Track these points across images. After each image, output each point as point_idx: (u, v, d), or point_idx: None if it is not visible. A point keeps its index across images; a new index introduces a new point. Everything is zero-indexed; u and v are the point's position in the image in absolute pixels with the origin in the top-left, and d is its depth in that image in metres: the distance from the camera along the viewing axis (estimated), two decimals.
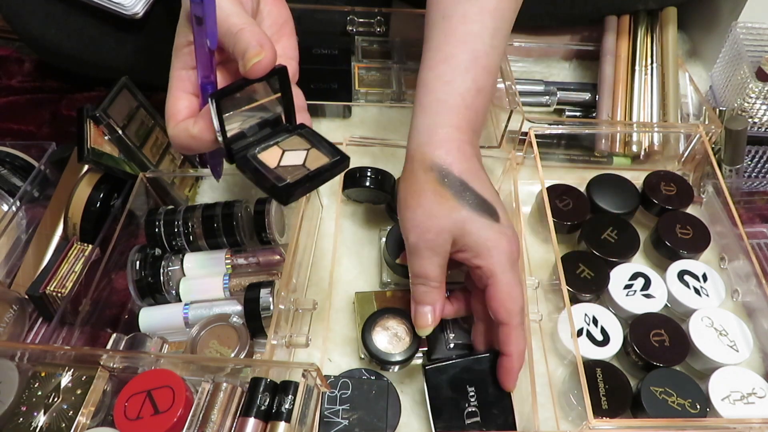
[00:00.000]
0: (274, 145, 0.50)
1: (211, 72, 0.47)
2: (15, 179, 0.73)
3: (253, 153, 0.49)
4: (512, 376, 0.52)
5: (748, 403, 0.56)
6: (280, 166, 0.48)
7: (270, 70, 0.45)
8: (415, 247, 0.50)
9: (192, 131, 0.46)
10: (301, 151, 0.49)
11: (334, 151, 0.49)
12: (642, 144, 0.76)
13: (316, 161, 0.48)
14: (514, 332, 0.50)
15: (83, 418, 0.48)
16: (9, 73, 0.92)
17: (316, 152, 0.49)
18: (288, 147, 0.50)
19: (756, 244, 0.71)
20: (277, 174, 0.47)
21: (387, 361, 0.55)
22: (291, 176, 0.47)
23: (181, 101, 0.48)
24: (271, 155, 0.49)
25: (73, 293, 0.60)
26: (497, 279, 0.49)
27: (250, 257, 0.62)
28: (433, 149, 0.51)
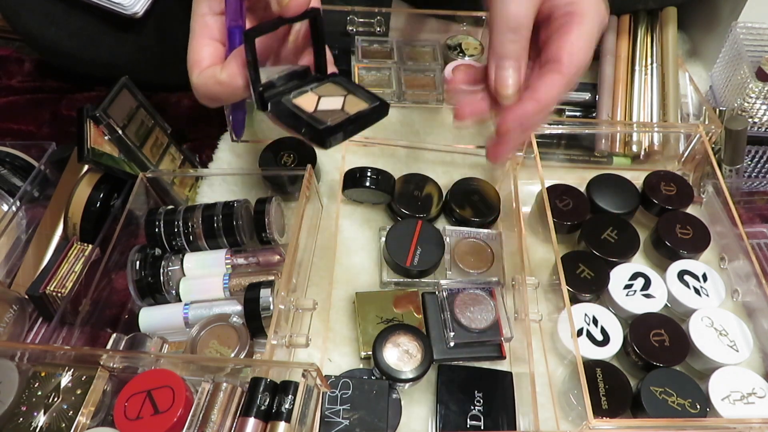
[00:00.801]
0: (309, 91, 0.47)
1: (240, 16, 0.44)
2: (15, 179, 0.73)
3: (287, 98, 0.46)
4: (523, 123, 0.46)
5: (748, 403, 0.56)
6: (318, 110, 0.46)
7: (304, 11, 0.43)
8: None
9: (220, 77, 0.44)
10: (337, 97, 0.47)
11: (372, 97, 0.47)
12: (642, 144, 0.76)
13: (355, 106, 0.46)
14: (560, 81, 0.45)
15: (83, 418, 0.48)
16: (9, 73, 0.92)
17: (354, 98, 0.47)
18: (324, 93, 0.47)
19: (756, 244, 0.71)
20: (315, 118, 0.44)
21: (397, 378, 0.55)
22: (331, 120, 0.44)
23: (205, 48, 0.45)
24: (307, 100, 0.46)
25: (73, 293, 0.60)
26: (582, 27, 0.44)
27: (250, 257, 0.62)
28: None
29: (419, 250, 0.63)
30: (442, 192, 0.71)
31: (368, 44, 0.87)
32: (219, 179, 0.75)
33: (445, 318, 0.60)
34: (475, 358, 0.60)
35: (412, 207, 0.69)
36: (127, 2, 0.67)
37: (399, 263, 0.63)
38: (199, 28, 0.46)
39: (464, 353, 0.59)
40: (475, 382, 0.57)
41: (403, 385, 0.56)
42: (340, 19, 0.86)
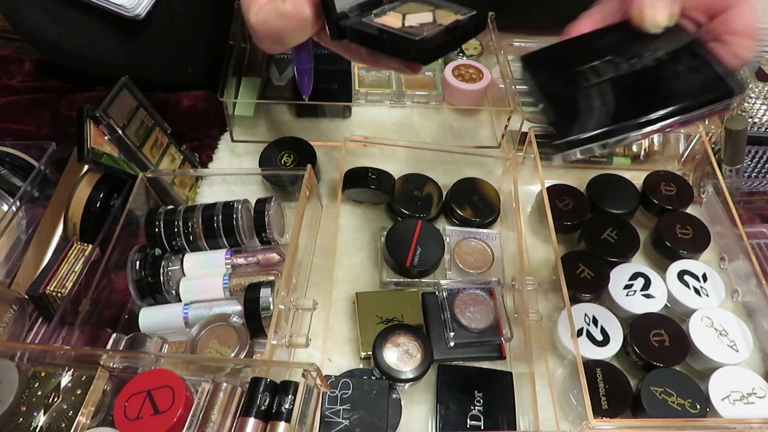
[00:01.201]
0: (390, 11, 0.43)
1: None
2: (15, 179, 0.73)
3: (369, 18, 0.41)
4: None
5: (748, 403, 0.56)
6: (407, 26, 0.41)
7: None
8: None
9: (283, 8, 0.38)
10: (425, 13, 0.42)
11: (464, 9, 0.42)
12: (642, 144, 0.76)
13: (448, 18, 0.42)
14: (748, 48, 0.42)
15: (83, 418, 0.48)
16: (9, 73, 0.91)
17: (444, 12, 0.42)
18: (407, 11, 0.42)
19: (756, 244, 0.71)
20: (408, 31, 0.40)
21: (397, 378, 0.55)
22: (427, 31, 0.40)
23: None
24: (392, 19, 0.42)
25: (73, 293, 0.60)
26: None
27: (250, 257, 0.62)
28: None
29: (419, 250, 0.63)
30: (442, 192, 0.71)
31: None
32: (219, 179, 0.75)
33: (445, 318, 0.60)
34: (475, 358, 0.60)
35: (412, 207, 0.69)
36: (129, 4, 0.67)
37: (399, 263, 0.63)
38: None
39: (464, 353, 0.59)
40: (475, 382, 0.57)
41: (403, 385, 0.56)
42: None
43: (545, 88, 0.44)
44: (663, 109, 0.40)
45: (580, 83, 0.43)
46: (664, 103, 0.40)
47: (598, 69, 0.43)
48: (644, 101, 0.41)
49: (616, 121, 0.40)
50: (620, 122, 0.40)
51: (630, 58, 0.43)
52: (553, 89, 0.43)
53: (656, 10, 0.41)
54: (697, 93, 0.41)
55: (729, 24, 0.43)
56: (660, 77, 0.42)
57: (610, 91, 0.42)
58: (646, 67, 0.42)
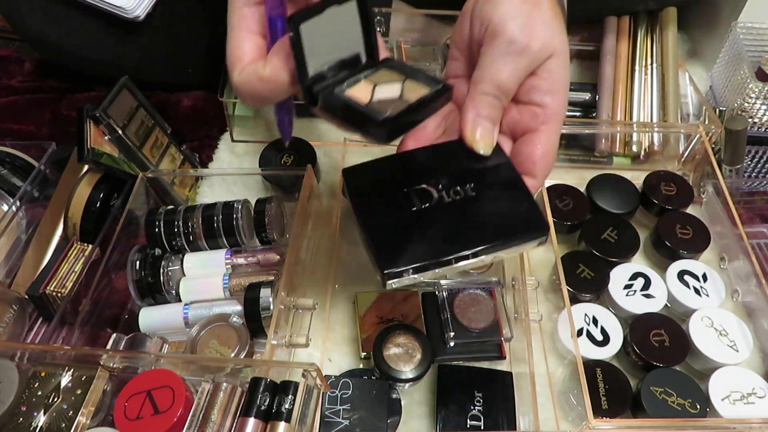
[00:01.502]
0: (363, 79, 0.43)
1: (280, 3, 0.40)
2: (15, 179, 0.73)
3: (339, 89, 0.42)
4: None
5: (748, 403, 0.56)
6: (374, 101, 0.41)
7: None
8: (516, 46, 0.43)
9: (263, 73, 0.40)
10: (395, 84, 0.42)
11: (433, 81, 0.42)
12: (642, 144, 0.76)
13: (415, 92, 0.41)
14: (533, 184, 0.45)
15: (83, 418, 0.48)
16: (9, 73, 0.92)
17: (413, 83, 0.42)
18: (379, 80, 0.43)
19: (756, 244, 0.71)
20: (373, 108, 0.40)
21: (397, 378, 0.55)
22: (391, 110, 0.40)
23: (246, 42, 0.41)
24: (361, 90, 0.42)
25: (73, 293, 0.60)
26: (552, 128, 0.45)
27: (250, 257, 0.62)
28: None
29: None
30: None
31: None
32: (219, 179, 0.75)
33: (445, 318, 0.60)
34: (475, 358, 0.60)
35: None
36: (128, 6, 0.67)
37: None
38: (237, 20, 0.42)
39: (464, 353, 0.59)
40: (475, 382, 0.57)
41: (403, 385, 0.56)
42: None
43: (361, 211, 0.44)
44: (477, 246, 0.41)
45: (397, 210, 0.43)
46: (478, 239, 0.41)
47: (418, 195, 0.44)
48: (460, 235, 0.42)
49: (432, 257, 0.41)
50: (435, 258, 0.41)
51: (449, 184, 0.44)
52: (370, 213, 0.44)
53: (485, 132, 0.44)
54: (511, 229, 0.42)
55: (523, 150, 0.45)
56: (478, 208, 0.43)
57: (427, 221, 0.43)
58: (465, 197, 0.43)
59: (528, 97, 0.45)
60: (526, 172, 0.45)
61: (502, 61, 0.43)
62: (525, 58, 0.43)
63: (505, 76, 0.44)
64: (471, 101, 0.44)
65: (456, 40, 0.50)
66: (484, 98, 0.44)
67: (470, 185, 0.44)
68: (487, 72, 0.44)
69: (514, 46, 0.43)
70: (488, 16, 0.44)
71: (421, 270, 0.41)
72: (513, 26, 0.43)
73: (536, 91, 0.45)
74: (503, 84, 0.44)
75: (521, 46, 0.43)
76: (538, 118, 0.45)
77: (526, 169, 0.45)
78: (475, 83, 0.44)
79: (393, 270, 0.41)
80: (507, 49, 0.43)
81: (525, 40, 0.43)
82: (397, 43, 0.87)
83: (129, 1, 0.68)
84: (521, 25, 0.43)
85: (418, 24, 0.89)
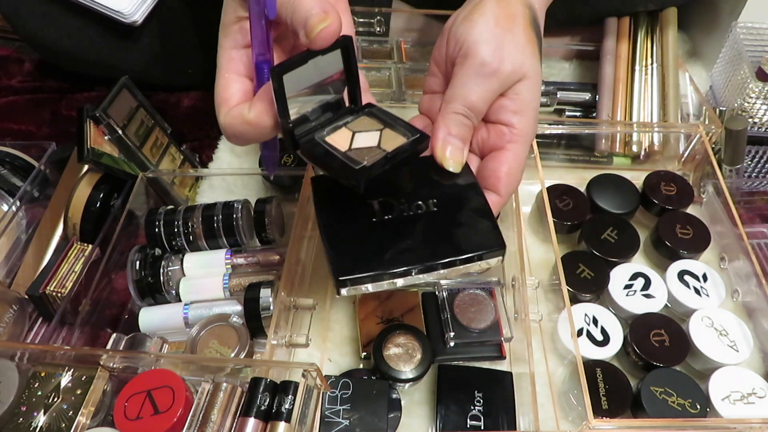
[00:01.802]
0: (343, 126, 0.44)
1: (267, 49, 0.41)
2: (15, 179, 0.73)
3: (320, 136, 0.43)
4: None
5: (748, 403, 0.56)
6: (353, 148, 0.43)
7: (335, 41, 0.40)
8: (487, 68, 0.44)
9: (248, 116, 0.41)
10: (374, 132, 0.44)
11: (411, 130, 0.44)
12: (642, 144, 0.76)
13: (393, 141, 0.43)
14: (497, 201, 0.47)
15: (83, 418, 0.48)
16: (9, 73, 0.92)
17: (391, 132, 0.44)
18: (358, 128, 0.44)
19: (756, 244, 0.71)
20: (351, 157, 0.42)
21: (397, 378, 0.55)
22: (368, 159, 0.41)
23: (233, 84, 0.43)
24: (341, 138, 0.43)
25: (73, 293, 0.60)
26: (519, 147, 0.46)
27: (250, 257, 0.62)
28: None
29: None
30: None
31: (368, 44, 0.87)
32: (219, 179, 0.75)
33: (445, 318, 0.60)
34: (475, 358, 0.59)
35: None
36: (126, 11, 0.67)
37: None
38: (225, 63, 0.44)
39: (464, 353, 0.59)
40: (475, 382, 0.57)
41: (403, 385, 0.56)
42: None
43: (323, 219, 0.45)
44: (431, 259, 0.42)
45: (357, 220, 0.44)
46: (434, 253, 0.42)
47: (380, 206, 0.45)
48: (416, 248, 0.43)
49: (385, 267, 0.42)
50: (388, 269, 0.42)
51: (412, 197, 0.45)
52: (331, 222, 0.45)
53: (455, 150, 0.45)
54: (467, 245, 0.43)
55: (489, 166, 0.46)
56: (437, 223, 0.44)
57: (386, 232, 0.43)
58: (426, 211, 0.44)
59: (496, 117, 0.46)
60: (490, 187, 0.46)
61: (473, 82, 0.44)
62: (495, 81, 0.44)
63: (476, 96, 0.44)
64: (442, 119, 0.45)
65: (435, 55, 0.51)
66: (455, 117, 0.45)
67: (433, 200, 0.44)
68: (459, 92, 0.45)
69: (485, 68, 0.44)
70: (463, 37, 0.45)
71: (375, 279, 0.42)
72: (485, 49, 0.44)
73: (505, 111, 0.46)
74: (474, 104, 0.45)
75: (492, 68, 0.44)
76: (505, 137, 0.46)
77: (490, 184, 0.46)
78: (447, 102, 0.45)
79: (347, 277, 0.42)
80: (478, 71, 0.44)
81: (496, 63, 0.44)
82: (397, 43, 0.87)
83: (127, 6, 0.68)
84: (493, 48, 0.44)
85: (418, 24, 0.89)
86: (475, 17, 0.45)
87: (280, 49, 0.44)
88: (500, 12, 0.46)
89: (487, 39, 0.44)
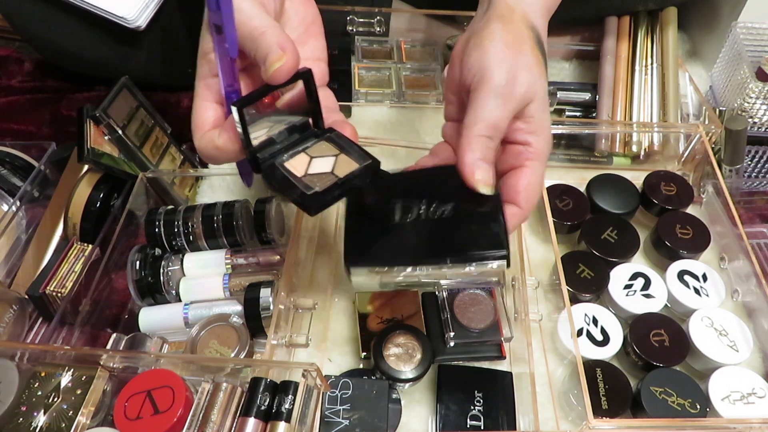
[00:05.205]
0: (302, 152, 0.47)
1: (234, 80, 0.45)
2: (15, 179, 0.73)
3: (280, 161, 0.47)
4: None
5: (748, 403, 0.56)
6: (308, 174, 0.46)
7: (293, 74, 0.43)
8: (504, 90, 0.46)
9: (217, 142, 0.45)
10: (329, 158, 0.47)
11: (364, 156, 0.47)
12: (642, 144, 0.76)
13: (345, 167, 0.46)
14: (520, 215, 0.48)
15: (83, 418, 0.48)
16: (9, 73, 0.92)
17: (345, 158, 0.47)
18: (316, 153, 0.47)
19: (756, 244, 0.71)
20: (305, 183, 0.45)
21: (397, 378, 0.55)
22: (320, 185, 0.45)
23: (207, 111, 0.46)
24: (299, 163, 0.47)
25: (73, 293, 0.60)
26: (537, 164, 0.47)
27: (250, 257, 0.62)
28: (532, 13, 0.49)
29: None
30: None
31: (368, 44, 0.87)
32: (219, 179, 0.75)
33: (445, 318, 0.60)
34: (475, 358, 0.60)
35: None
36: (130, 16, 0.67)
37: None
38: (201, 90, 0.46)
39: (464, 353, 0.59)
40: (475, 382, 0.57)
41: (403, 385, 0.56)
42: (340, 19, 0.86)
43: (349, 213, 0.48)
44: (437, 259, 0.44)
45: (378, 219, 0.47)
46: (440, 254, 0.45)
47: (401, 209, 0.47)
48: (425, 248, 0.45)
49: (392, 262, 0.45)
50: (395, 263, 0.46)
51: (432, 203, 0.47)
52: (355, 217, 0.48)
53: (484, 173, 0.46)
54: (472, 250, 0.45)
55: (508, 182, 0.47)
56: (449, 228, 0.46)
57: (400, 232, 0.46)
58: (442, 217, 0.46)
59: (513, 137, 0.48)
60: (510, 200, 0.47)
61: (493, 104, 0.45)
62: (513, 102, 0.46)
63: (497, 117, 0.46)
64: (467, 144, 0.46)
65: (448, 83, 0.52)
66: (479, 140, 0.46)
67: (451, 206, 0.46)
68: (480, 115, 0.46)
69: (502, 90, 0.45)
70: (477, 63, 0.47)
71: (380, 270, 0.46)
72: (499, 72, 0.45)
73: (520, 132, 0.47)
74: (496, 125, 0.46)
75: (508, 90, 0.46)
76: (522, 155, 0.47)
77: (510, 198, 0.47)
78: (469, 126, 0.46)
79: (356, 266, 0.45)
80: (496, 93, 0.46)
81: (510, 85, 0.46)
82: (397, 43, 0.87)
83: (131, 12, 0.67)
84: (507, 71, 0.46)
85: (418, 24, 0.89)
86: (486, 43, 0.47)
87: (251, 77, 0.47)
88: (508, 36, 0.47)
89: (500, 63, 0.46)
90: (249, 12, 0.44)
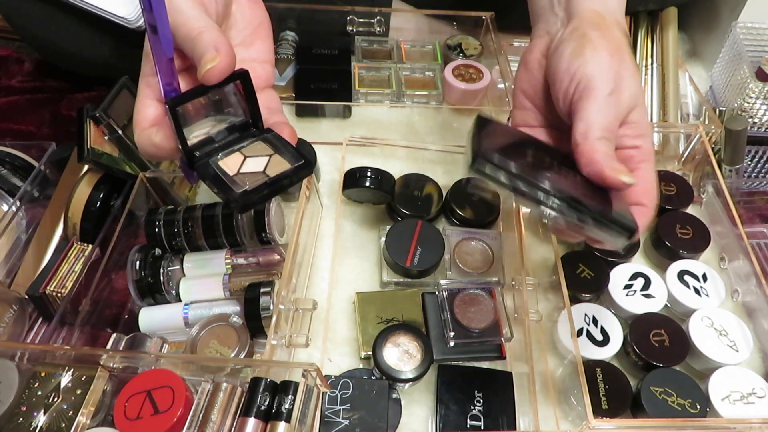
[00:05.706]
0: (237, 151, 0.48)
1: (173, 79, 0.45)
2: (15, 179, 0.73)
3: (214, 159, 0.47)
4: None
5: (748, 403, 0.56)
6: (240, 173, 0.47)
7: (229, 75, 0.44)
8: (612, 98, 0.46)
9: (154, 140, 0.45)
10: (263, 157, 0.48)
11: (297, 156, 0.47)
12: None
13: (277, 167, 0.47)
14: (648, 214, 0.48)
15: (83, 418, 0.48)
16: (9, 73, 0.92)
17: (279, 158, 0.47)
18: (251, 153, 0.48)
19: (756, 244, 0.71)
20: (235, 181, 0.46)
21: (397, 378, 0.55)
22: (249, 183, 0.45)
23: (148, 108, 0.47)
24: (233, 162, 0.47)
25: (73, 293, 0.60)
26: (649, 165, 0.48)
27: (250, 257, 0.62)
28: (621, 18, 0.51)
29: (419, 250, 0.63)
30: (442, 192, 0.71)
31: (368, 44, 0.87)
32: None
33: (445, 318, 0.60)
34: (475, 358, 0.60)
35: (412, 207, 0.69)
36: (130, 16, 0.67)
37: (399, 263, 0.63)
38: (143, 88, 0.47)
39: (464, 353, 0.59)
40: (475, 382, 0.57)
41: (403, 385, 0.56)
42: (340, 19, 0.86)
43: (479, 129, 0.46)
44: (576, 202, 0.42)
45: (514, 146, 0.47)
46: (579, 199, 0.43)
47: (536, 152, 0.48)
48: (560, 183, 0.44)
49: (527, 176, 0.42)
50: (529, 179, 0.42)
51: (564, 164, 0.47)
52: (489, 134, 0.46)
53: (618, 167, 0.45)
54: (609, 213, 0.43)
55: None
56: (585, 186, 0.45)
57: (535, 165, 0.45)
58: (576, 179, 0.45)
59: (621, 144, 0.48)
60: (635, 202, 0.47)
61: (605, 111, 0.46)
62: (621, 108, 0.47)
63: (610, 121, 0.47)
64: (592, 149, 0.45)
65: (525, 89, 0.53)
66: (601, 143, 0.46)
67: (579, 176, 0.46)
68: (595, 119, 0.46)
69: (611, 98, 0.46)
70: (580, 71, 0.47)
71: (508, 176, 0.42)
72: (607, 81, 0.46)
73: (627, 138, 0.48)
74: (612, 128, 0.47)
75: (615, 99, 0.46)
76: (635, 159, 0.48)
77: (634, 199, 0.47)
78: (585, 132, 0.46)
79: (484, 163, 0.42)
80: (606, 100, 0.46)
81: (617, 94, 0.47)
82: (397, 43, 0.87)
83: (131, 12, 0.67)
84: (613, 79, 0.47)
85: (418, 24, 0.89)
86: (587, 51, 0.47)
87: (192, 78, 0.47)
88: (610, 45, 0.48)
89: (606, 71, 0.47)
90: (188, 13, 0.44)
